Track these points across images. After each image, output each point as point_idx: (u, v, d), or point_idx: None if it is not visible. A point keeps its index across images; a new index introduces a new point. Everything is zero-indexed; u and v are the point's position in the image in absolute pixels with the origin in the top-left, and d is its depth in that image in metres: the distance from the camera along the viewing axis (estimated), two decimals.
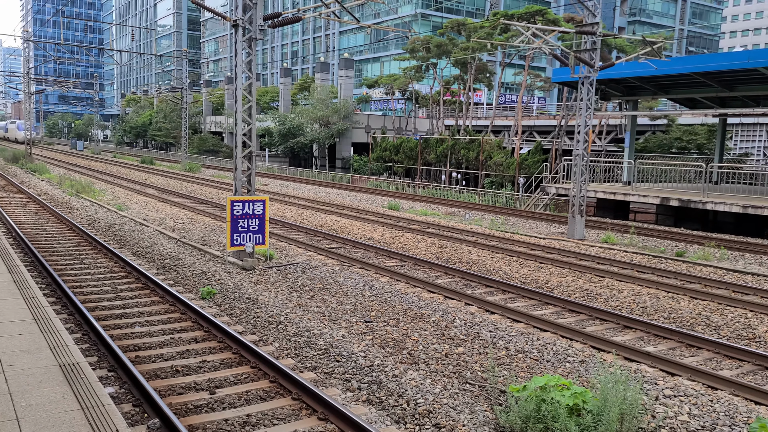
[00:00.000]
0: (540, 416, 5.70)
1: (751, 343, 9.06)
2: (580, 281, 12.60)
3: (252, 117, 13.42)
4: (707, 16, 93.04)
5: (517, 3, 70.56)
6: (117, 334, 8.33)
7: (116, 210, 20.61)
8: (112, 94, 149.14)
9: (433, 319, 9.44)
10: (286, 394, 6.59)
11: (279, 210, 23.08)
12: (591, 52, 18.00)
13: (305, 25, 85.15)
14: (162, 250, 14.22)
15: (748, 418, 6.36)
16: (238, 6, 12.81)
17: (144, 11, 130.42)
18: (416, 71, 50.11)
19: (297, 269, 12.76)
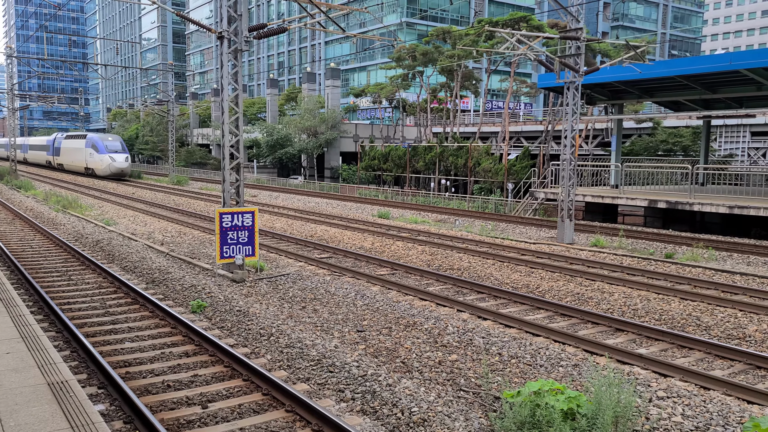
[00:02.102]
0: (535, 421, 5.68)
1: (741, 343, 9.11)
2: (570, 285, 12.63)
3: (239, 128, 13.39)
4: (689, 20, 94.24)
5: (502, 10, 71.13)
6: (106, 350, 8.23)
7: (104, 225, 20.44)
8: (98, 108, 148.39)
9: (425, 327, 9.42)
10: (279, 406, 6.54)
11: (268, 221, 22.99)
12: (576, 57, 18.16)
13: (291, 36, 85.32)
14: (151, 264, 14.10)
15: (741, 418, 6.38)
16: (223, 18, 12.81)
17: (128, 25, 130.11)
18: (403, 80, 50.28)
19: (288, 280, 12.70)
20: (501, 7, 72.94)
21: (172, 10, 13.72)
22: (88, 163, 48.93)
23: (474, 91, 49.83)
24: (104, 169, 46.79)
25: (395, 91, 52.51)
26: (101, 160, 46.87)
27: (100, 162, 47.06)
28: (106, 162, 46.53)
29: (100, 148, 46.96)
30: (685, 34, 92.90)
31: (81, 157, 50.54)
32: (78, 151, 51.28)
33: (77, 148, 51.53)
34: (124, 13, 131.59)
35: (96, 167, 47.87)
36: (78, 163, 51.62)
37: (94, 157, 47.49)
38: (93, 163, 48.08)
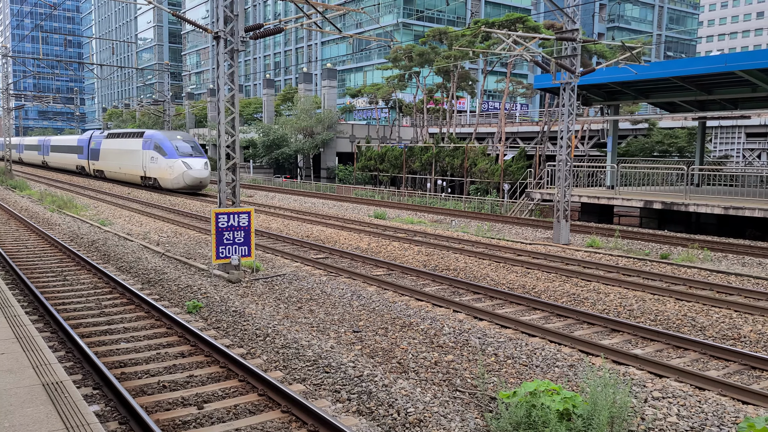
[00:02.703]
0: (531, 422, 5.69)
1: (736, 343, 9.14)
2: (566, 285, 12.65)
3: (235, 128, 13.37)
4: (684, 22, 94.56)
5: (498, 11, 71.24)
6: (102, 350, 8.21)
7: (99, 225, 20.38)
8: (93, 108, 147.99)
9: (421, 327, 9.42)
10: (275, 407, 6.53)
11: (264, 221, 22.96)
12: (572, 59, 18.19)
13: (287, 36, 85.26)
14: (146, 265, 14.07)
15: (736, 418, 6.40)
16: (220, 18, 12.79)
17: (124, 25, 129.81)
18: (399, 80, 50.30)
19: (284, 280, 12.68)
20: (497, 8, 73.06)
21: (168, 10, 13.69)
22: (149, 171, 36.72)
23: (470, 92, 49.90)
24: (175, 180, 34.35)
25: (391, 92, 52.53)
26: (170, 167, 34.41)
27: (168, 170, 34.62)
28: (179, 169, 33.90)
29: (168, 151, 34.79)
30: (680, 35, 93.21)
31: (135, 163, 38.30)
32: (131, 155, 38.90)
33: (129, 151, 39.13)
34: (119, 13, 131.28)
35: (162, 176, 35.34)
36: (130, 169, 39.37)
37: (159, 163, 35.38)
38: (156, 170, 35.67)
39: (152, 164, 36.20)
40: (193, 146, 35.97)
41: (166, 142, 35.48)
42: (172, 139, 35.77)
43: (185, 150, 35.12)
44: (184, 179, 34.13)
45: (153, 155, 36.03)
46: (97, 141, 45.95)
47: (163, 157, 35.04)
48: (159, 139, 36.01)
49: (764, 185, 27.78)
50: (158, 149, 35.70)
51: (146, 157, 36.88)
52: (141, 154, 37.65)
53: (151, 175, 36.78)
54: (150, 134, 37.43)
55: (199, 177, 34.24)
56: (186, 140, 36.24)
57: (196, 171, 34.31)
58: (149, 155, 36.51)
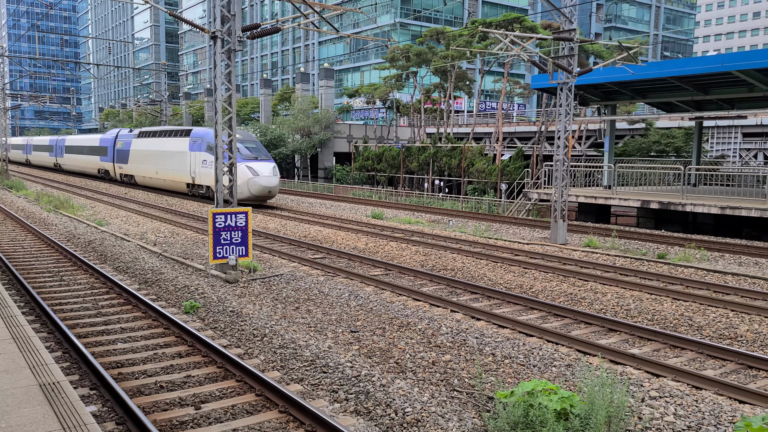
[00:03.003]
0: (528, 422, 5.69)
1: (733, 343, 9.17)
2: (564, 285, 12.67)
3: (232, 128, 13.35)
4: (681, 22, 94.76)
5: (495, 11, 71.31)
6: (99, 351, 8.19)
7: (96, 225, 20.34)
8: (90, 108, 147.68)
9: (419, 327, 9.42)
10: (272, 407, 6.52)
11: (262, 221, 22.94)
12: (569, 59, 18.21)
13: (284, 36, 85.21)
14: (144, 265, 14.04)
15: (733, 417, 6.41)
16: (216, 18, 12.77)
17: (121, 24, 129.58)
18: (396, 80, 50.31)
19: (281, 281, 12.67)
20: (494, 8, 73.12)
21: (165, 9, 13.67)
22: (199, 177, 29.46)
23: (467, 92, 49.93)
24: (240, 189, 25.98)
25: (389, 92, 52.54)
26: (240, 177, 26.25)
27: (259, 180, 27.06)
28: (242, 176, 26.40)
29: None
30: (677, 35, 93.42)
31: (179, 167, 31.06)
32: (173, 157, 31.60)
33: (171, 152, 31.69)
34: (116, 13, 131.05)
35: (254, 189, 27.09)
36: (172, 175, 32.02)
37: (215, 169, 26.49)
38: (210, 177, 27.76)
39: (204, 169, 28.56)
40: (256, 147, 28.96)
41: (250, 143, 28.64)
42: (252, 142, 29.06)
43: (248, 151, 27.72)
44: (250, 188, 26.56)
45: (205, 158, 28.33)
46: (125, 141, 38.90)
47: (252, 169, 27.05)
48: (213, 137, 29.28)
49: (761, 185, 27.85)
50: (213, 151, 27.57)
51: (195, 161, 29.55)
52: (188, 156, 30.28)
53: (202, 183, 29.35)
54: (200, 132, 30.15)
55: (269, 186, 26.67)
56: (246, 139, 28.73)
57: (265, 178, 26.74)
58: (199, 158, 28.98)
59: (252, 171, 26.78)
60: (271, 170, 27.50)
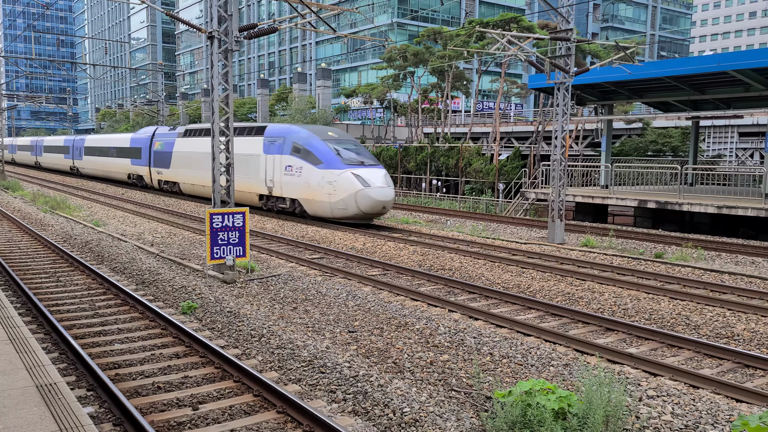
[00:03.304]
0: (526, 421, 5.70)
1: (730, 342, 9.19)
2: (561, 285, 12.68)
3: (229, 129, 13.34)
4: (677, 21, 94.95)
5: (492, 11, 71.36)
6: (96, 352, 8.17)
7: (93, 226, 20.29)
8: (86, 108, 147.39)
9: (417, 327, 9.42)
10: (270, 407, 6.51)
11: (259, 222, 22.91)
12: (566, 58, 18.24)
13: (281, 36, 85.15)
14: (141, 265, 14.02)
15: (730, 416, 6.42)
16: (213, 18, 12.75)
17: (117, 24, 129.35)
18: (394, 80, 50.31)
19: (279, 281, 12.66)
20: (491, 8, 73.18)
21: (162, 9, 13.65)
22: (281, 187, 23.08)
23: (465, 92, 49.97)
24: (339, 203, 20.89)
25: (386, 92, 52.54)
26: (332, 184, 20.90)
27: (326, 187, 21.05)
28: (348, 187, 20.59)
29: (324, 156, 21.42)
30: (673, 35, 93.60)
31: (252, 174, 24.45)
32: (241, 162, 24.14)
33: (237, 156, 23.31)
34: (112, 13, 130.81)
35: (312, 197, 21.70)
36: (239, 184, 24.42)
37: (307, 176, 21.67)
38: (300, 187, 22.10)
39: (289, 178, 22.34)
40: (357, 149, 22.49)
41: (316, 141, 21.75)
42: (323, 136, 22.21)
43: (351, 155, 21.61)
44: (359, 203, 20.21)
45: (291, 163, 22.14)
46: (165, 141, 32.30)
47: (314, 167, 21.13)
48: (302, 137, 22.25)
49: (757, 184, 27.92)
50: (302, 153, 21.73)
51: (273, 166, 23.04)
52: (262, 161, 23.70)
53: (285, 194, 22.78)
54: (279, 130, 23.80)
55: (383, 199, 20.32)
56: (344, 139, 22.83)
57: (378, 190, 20.33)
58: (280, 163, 22.66)
59: (361, 181, 20.31)
60: (384, 179, 20.93)
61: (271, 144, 23.57)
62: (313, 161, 21.51)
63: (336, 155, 21.39)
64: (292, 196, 22.82)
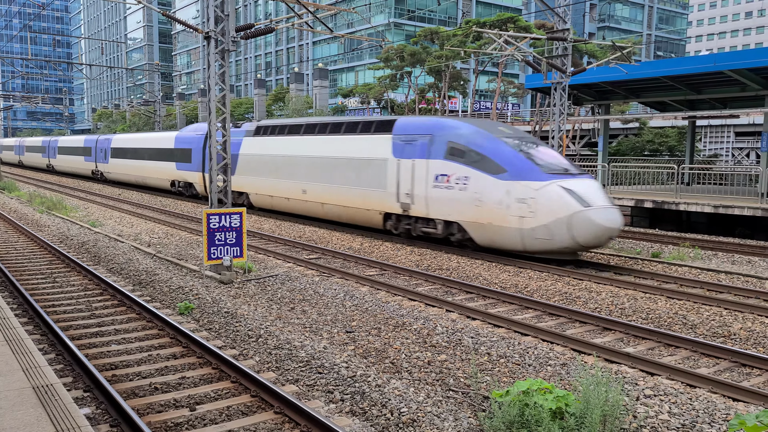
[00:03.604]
0: (523, 421, 5.70)
1: (726, 341, 9.20)
2: (558, 284, 12.70)
3: (226, 129, 13.32)
4: (673, 21, 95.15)
5: (489, 11, 71.42)
6: (92, 353, 8.15)
7: (89, 226, 20.25)
8: (82, 108, 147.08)
9: (414, 327, 9.42)
10: (268, 408, 6.51)
11: (256, 222, 22.89)
12: (562, 58, 18.26)
13: (278, 36, 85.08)
14: (138, 266, 13.99)
15: (727, 415, 6.44)
16: (210, 18, 12.74)
17: (113, 24, 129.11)
18: (391, 80, 50.35)
19: (276, 281, 12.65)
20: (488, 8, 73.24)
21: (158, 9, 13.63)
22: (424, 204, 16.77)
23: (462, 92, 50.04)
24: (548, 231, 14.18)
25: (383, 92, 52.56)
26: (529, 203, 14.29)
27: (522, 208, 14.41)
28: (560, 207, 14.01)
29: (512, 163, 14.92)
30: (670, 35, 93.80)
31: (374, 186, 18.30)
32: (356, 168, 18.97)
33: (350, 160, 19.17)
34: (109, 13, 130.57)
35: (492, 222, 15.07)
36: (352, 198, 19.28)
37: (484, 191, 15.13)
38: (469, 207, 15.53)
39: (445, 192, 16.10)
40: (548, 148, 16.30)
41: (489, 140, 15.64)
42: (496, 132, 16.06)
43: (549, 160, 15.39)
44: (574, 231, 14.01)
45: (448, 171, 16.03)
46: (235, 141, 25.21)
47: (491, 177, 15.05)
48: (463, 134, 16.11)
49: (753, 184, 28.00)
50: (468, 157, 15.73)
51: (415, 175, 16.83)
52: (392, 167, 17.51)
53: (439, 215, 16.47)
54: (421, 124, 17.32)
55: (612, 226, 14.35)
56: (524, 137, 16.53)
57: (602, 212, 14.19)
58: (430, 170, 16.47)
59: (576, 198, 14.05)
60: (603, 194, 14.86)
61: (407, 144, 16.87)
62: (489, 169, 15.04)
63: (527, 160, 14.93)
64: (449, 218, 16.15)
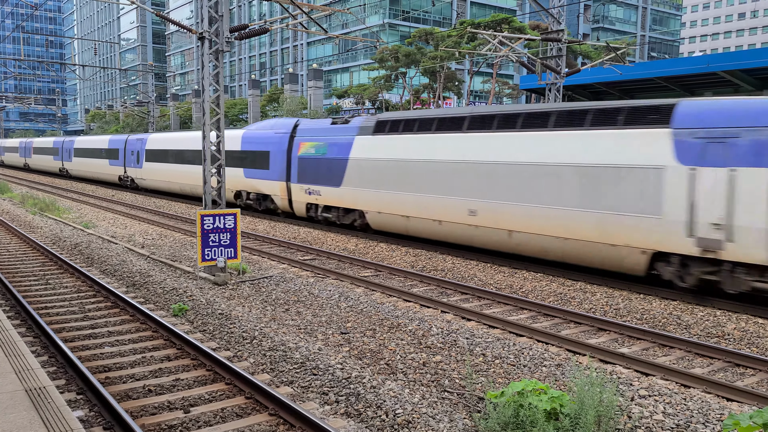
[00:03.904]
0: (518, 422, 5.70)
1: (720, 341, 9.23)
2: (553, 285, 12.71)
3: (220, 130, 13.28)
4: (667, 23, 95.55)
5: (483, 11, 71.51)
6: (85, 355, 8.11)
7: (82, 228, 20.16)
8: (76, 109, 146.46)
9: (409, 328, 9.41)
10: (262, 410, 6.48)
11: (251, 223, 22.84)
12: (557, 59, 18.30)
13: (272, 37, 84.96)
14: (131, 268, 13.93)
15: (721, 415, 6.45)
16: (204, 19, 12.70)
17: (107, 25, 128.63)
18: (386, 81, 50.35)
19: (271, 282, 12.62)
20: (483, 9, 73.34)
21: (152, 10, 13.58)
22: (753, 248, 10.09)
23: (456, 93, 50.06)
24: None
25: (378, 92, 52.55)
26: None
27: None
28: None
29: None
30: (663, 36, 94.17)
31: (635, 205, 11.68)
32: (636, 179, 11.68)
33: (632, 171, 11.77)
34: (102, 13, 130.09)
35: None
36: (598, 224, 12.29)
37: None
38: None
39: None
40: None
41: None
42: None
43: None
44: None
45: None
46: (331, 142, 19.74)
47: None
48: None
49: None
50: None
51: (734, 192, 10.58)
52: (682, 179, 11.24)
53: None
54: (744, 108, 10.80)
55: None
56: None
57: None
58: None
59: None
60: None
61: (714, 144, 10.93)
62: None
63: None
64: None
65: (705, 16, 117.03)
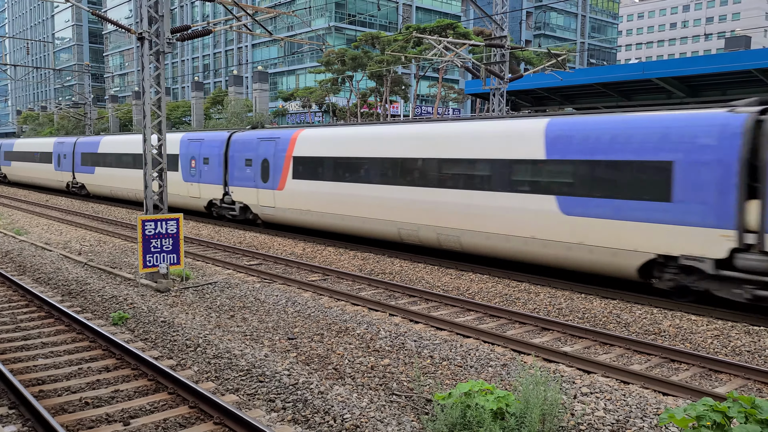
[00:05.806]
0: (466, 422, 5.75)
1: (657, 338, 9.60)
2: (499, 286, 12.93)
3: (162, 132, 12.92)
4: (605, 30, 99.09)
5: (429, 17, 72.32)
6: (18, 368, 7.71)
7: (14, 234, 19.21)
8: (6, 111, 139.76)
9: (357, 332, 9.38)
10: (207, 419, 6.32)
11: (194, 228, 22.30)
12: (500, 65, 18.68)
13: (216, 38, 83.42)
14: (67, 276, 13.36)
15: (658, 409, 6.70)
16: (143, 18, 12.33)
17: (40, 23, 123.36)
18: (332, 84, 50.22)
19: (215, 288, 12.34)
20: (428, 14, 74.16)
21: (88, 8, 13.09)
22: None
23: (403, 96, 50.43)
24: None
25: (325, 96, 52.37)
26: None
27: None
28: None
29: None
30: (602, 43, 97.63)
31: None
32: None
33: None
34: (35, 11, 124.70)
35: None
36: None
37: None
38: None
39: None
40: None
41: None
42: None
43: None
44: None
45: None
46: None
47: None
48: None
49: None
50: None
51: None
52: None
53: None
54: None
55: None
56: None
57: None
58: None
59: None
60: None
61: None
62: None
63: None
64: None
65: (640, 25, 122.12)
